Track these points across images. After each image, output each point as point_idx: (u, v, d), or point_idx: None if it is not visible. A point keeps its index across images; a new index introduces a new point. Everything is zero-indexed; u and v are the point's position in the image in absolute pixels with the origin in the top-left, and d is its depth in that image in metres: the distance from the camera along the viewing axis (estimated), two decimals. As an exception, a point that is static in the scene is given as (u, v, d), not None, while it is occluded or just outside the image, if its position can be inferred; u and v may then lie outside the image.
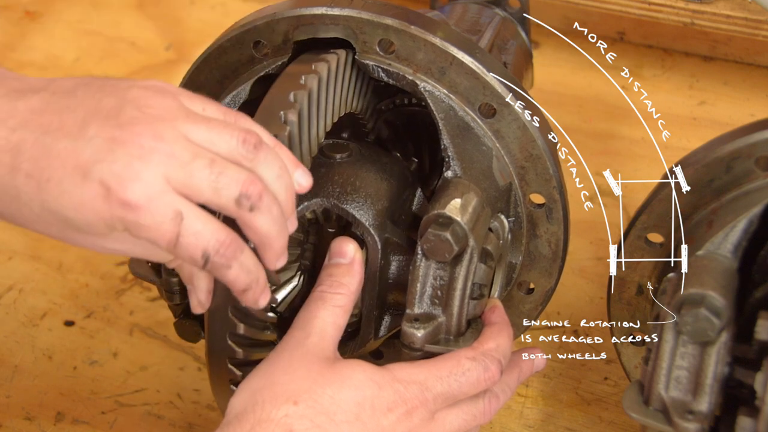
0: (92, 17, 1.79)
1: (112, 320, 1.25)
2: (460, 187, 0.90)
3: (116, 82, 0.76)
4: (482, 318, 0.91)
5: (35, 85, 0.75)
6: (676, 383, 0.80)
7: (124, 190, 0.70)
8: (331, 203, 0.91)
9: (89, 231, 0.73)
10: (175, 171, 0.72)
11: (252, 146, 0.75)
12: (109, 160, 0.70)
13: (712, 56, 1.60)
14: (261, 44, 0.96)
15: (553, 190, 0.96)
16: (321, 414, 0.78)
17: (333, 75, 0.89)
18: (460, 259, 0.87)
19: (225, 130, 0.75)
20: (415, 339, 0.87)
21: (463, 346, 0.88)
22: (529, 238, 1.00)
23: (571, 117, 1.49)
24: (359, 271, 0.89)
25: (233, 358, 0.84)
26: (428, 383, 0.83)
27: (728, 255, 0.83)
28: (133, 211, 0.70)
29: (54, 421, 1.13)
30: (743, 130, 0.87)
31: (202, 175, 0.73)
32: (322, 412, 0.79)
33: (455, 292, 0.88)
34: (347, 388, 0.80)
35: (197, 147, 0.73)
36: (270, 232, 0.76)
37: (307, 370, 0.81)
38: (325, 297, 0.87)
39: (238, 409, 0.80)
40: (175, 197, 0.72)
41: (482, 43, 1.12)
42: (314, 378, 0.81)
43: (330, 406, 0.79)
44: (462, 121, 0.93)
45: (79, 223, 0.72)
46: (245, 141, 0.75)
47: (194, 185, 0.73)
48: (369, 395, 0.81)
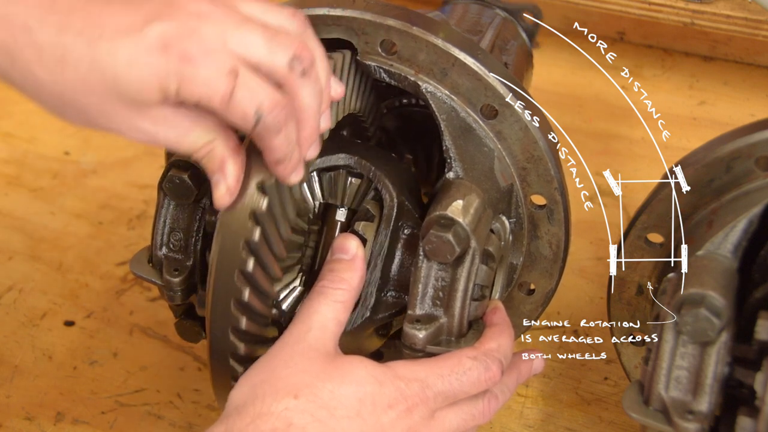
0: (92, 17, 1.79)
1: (112, 320, 1.25)
2: (462, 188, 0.90)
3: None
4: (484, 319, 0.91)
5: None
6: (676, 383, 0.80)
7: (183, 43, 0.70)
8: (354, 160, 0.93)
9: (136, 95, 0.71)
10: (230, 30, 0.73)
11: (301, 21, 0.79)
12: (166, 17, 0.71)
13: (712, 56, 1.60)
14: None
15: (554, 191, 0.96)
16: (321, 408, 0.78)
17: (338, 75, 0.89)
18: (461, 261, 0.87)
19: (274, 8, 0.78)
20: (417, 340, 0.87)
21: (464, 347, 0.88)
22: (530, 239, 1.00)
23: (571, 117, 1.49)
24: (361, 267, 0.89)
25: (235, 353, 0.84)
26: (429, 381, 0.83)
27: (728, 255, 0.84)
28: (191, 64, 0.70)
29: (54, 421, 1.13)
30: (743, 130, 0.87)
31: (256, 34, 0.74)
32: (323, 406, 0.78)
33: (457, 294, 0.88)
34: (348, 384, 0.80)
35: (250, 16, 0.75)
36: (311, 106, 0.77)
37: (308, 364, 0.81)
38: (326, 292, 0.87)
39: (238, 402, 0.80)
40: (231, 53, 0.72)
41: (483, 43, 1.12)
42: (315, 372, 0.80)
43: (330, 400, 0.79)
44: (464, 122, 0.93)
45: (130, 81, 0.70)
46: (294, 15, 0.78)
47: (249, 43, 0.73)
48: (370, 391, 0.80)
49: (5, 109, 1.57)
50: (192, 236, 0.93)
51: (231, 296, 0.81)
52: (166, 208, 0.93)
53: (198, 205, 0.93)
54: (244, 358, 0.84)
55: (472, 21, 1.19)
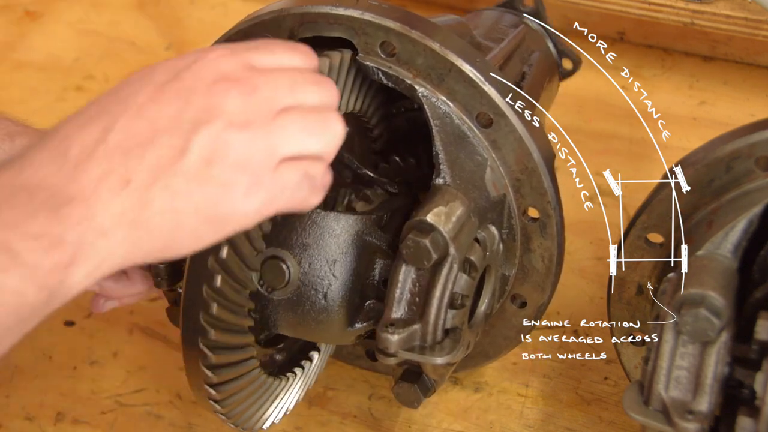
0: (92, 17, 1.80)
1: (112, 320, 1.24)
2: (446, 195, 0.90)
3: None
4: None
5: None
6: (676, 383, 0.80)
7: (265, 182, 0.72)
8: None
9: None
10: (276, 140, 0.73)
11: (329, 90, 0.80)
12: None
13: (712, 56, 1.60)
14: None
15: (547, 204, 0.95)
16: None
17: (334, 74, 0.89)
18: (439, 267, 0.87)
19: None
20: (389, 344, 0.87)
21: (438, 356, 0.87)
22: (523, 251, 0.99)
23: (571, 117, 1.49)
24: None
25: (206, 338, 0.84)
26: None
27: (728, 255, 0.83)
28: (276, 197, 0.73)
29: (54, 421, 1.13)
30: (743, 130, 0.87)
31: (297, 130, 0.74)
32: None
33: (432, 300, 0.87)
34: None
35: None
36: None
37: None
38: None
39: None
40: (287, 161, 0.73)
41: (497, 50, 1.11)
42: None
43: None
44: (458, 129, 0.93)
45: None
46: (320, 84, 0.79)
47: (298, 143, 0.74)
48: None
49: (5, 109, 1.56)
50: None
51: (204, 281, 0.82)
52: None
53: None
54: (215, 344, 0.85)
55: (494, 27, 1.19)
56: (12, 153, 0.91)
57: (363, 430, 1.11)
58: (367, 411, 1.13)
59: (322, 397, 1.14)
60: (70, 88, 1.63)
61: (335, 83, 0.89)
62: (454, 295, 0.88)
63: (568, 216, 0.99)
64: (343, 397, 1.14)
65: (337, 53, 0.90)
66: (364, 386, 1.15)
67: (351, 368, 1.17)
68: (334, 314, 0.92)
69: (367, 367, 1.15)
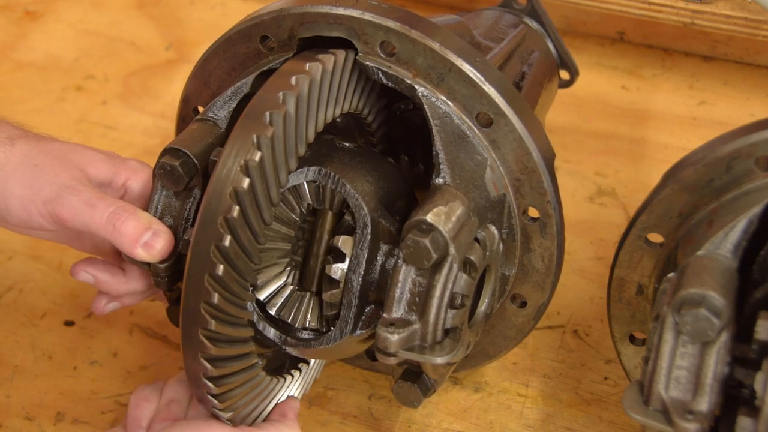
0: (92, 17, 1.80)
1: (112, 320, 1.25)
2: (446, 195, 0.90)
3: None
4: (274, 408, 0.97)
5: None
6: (676, 383, 0.80)
7: None
8: (329, 174, 0.92)
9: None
10: None
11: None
12: None
13: (712, 56, 1.60)
14: (268, 39, 0.96)
15: (547, 204, 0.95)
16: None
17: (328, 75, 0.89)
18: (439, 267, 0.87)
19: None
20: (389, 343, 0.87)
21: (438, 356, 0.87)
22: (523, 251, 0.99)
23: (571, 117, 1.49)
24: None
25: (206, 328, 0.84)
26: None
27: (728, 255, 0.84)
28: None
29: (54, 421, 1.13)
30: (743, 130, 0.87)
31: None
32: None
33: (432, 300, 0.87)
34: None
35: None
36: None
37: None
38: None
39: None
40: None
41: (497, 50, 1.11)
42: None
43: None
44: (458, 129, 0.93)
45: None
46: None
47: None
48: None
49: (5, 109, 1.57)
50: (181, 224, 0.94)
51: (206, 271, 0.82)
52: (159, 194, 0.94)
53: (190, 193, 0.93)
54: (215, 336, 0.84)
55: (494, 27, 1.19)
56: (11, 156, 0.93)
57: (363, 430, 1.11)
58: (367, 411, 1.13)
59: (322, 397, 1.14)
60: (70, 88, 1.63)
61: (332, 85, 0.90)
62: (454, 294, 0.88)
63: (568, 216, 0.99)
64: (343, 397, 1.14)
65: (332, 55, 0.90)
66: (364, 386, 1.15)
67: (351, 368, 1.17)
68: None
69: (367, 367, 1.16)
